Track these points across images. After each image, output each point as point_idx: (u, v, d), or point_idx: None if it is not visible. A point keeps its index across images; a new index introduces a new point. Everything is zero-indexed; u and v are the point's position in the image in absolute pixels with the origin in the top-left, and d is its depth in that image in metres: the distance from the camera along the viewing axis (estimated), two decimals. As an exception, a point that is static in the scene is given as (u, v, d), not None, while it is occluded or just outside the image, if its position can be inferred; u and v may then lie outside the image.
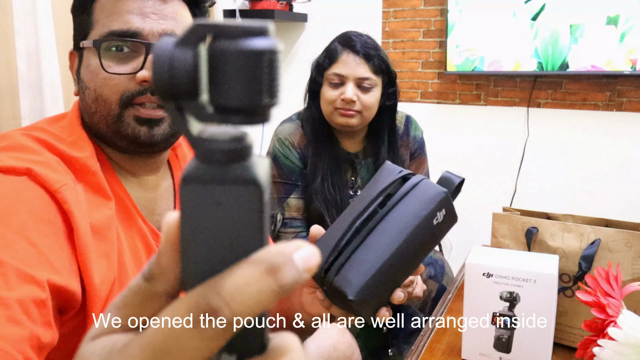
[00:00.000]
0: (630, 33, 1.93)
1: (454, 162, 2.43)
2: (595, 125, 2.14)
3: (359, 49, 1.37)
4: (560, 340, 0.97)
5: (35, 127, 0.71)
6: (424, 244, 0.58)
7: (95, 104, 0.70)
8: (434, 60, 2.38)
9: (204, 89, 0.21)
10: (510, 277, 0.87)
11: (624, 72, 1.97)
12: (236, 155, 0.22)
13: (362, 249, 0.58)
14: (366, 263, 0.56)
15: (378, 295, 0.57)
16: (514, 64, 2.14)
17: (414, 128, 1.55)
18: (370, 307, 0.58)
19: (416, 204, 0.58)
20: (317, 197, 1.42)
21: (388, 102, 1.44)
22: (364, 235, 0.58)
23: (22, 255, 0.57)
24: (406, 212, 0.58)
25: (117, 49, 0.69)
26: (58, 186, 0.62)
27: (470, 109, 2.36)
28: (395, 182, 0.61)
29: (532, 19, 2.07)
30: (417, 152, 1.55)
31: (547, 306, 0.85)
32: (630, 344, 0.68)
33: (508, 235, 1.05)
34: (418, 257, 0.59)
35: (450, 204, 0.59)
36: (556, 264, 0.89)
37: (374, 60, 1.38)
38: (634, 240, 0.92)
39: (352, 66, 1.37)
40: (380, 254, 0.56)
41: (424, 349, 0.96)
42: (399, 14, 2.42)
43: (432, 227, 0.58)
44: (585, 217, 1.02)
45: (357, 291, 0.55)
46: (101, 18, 0.69)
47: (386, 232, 0.58)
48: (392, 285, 0.58)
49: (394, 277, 0.58)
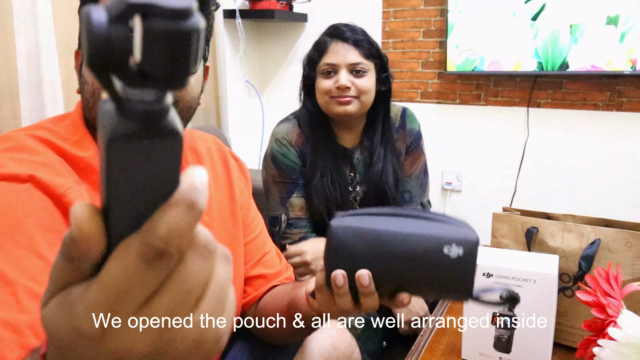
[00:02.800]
0: (630, 33, 1.93)
1: (454, 162, 2.43)
2: (595, 125, 2.14)
3: (347, 36, 1.39)
4: (560, 340, 0.97)
5: (40, 126, 0.71)
6: (422, 261, 0.56)
7: (92, 97, 0.71)
8: (434, 60, 2.39)
9: (136, 60, 0.24)
10: (510, 277, 0.87)
11: (624, 72, 1.97)
12: (161, 113, 0.25)
13: (375, 217, 0.58)
14: (365, 221, 0.57)
15: (351, 250, 0.57)
16: (514, 64, 2.14)
17: (410, 121, 1.53)
18: (339, 254, 0.58)
19: (444, 227, 0.57)
20: (317, 194, 1.41)
21: (383, 88, 1.44)
22: (387, 214, 0.59)
23: (33, 272, 0.57)
24: (430, 225, 0.57)
25: None
26: (63, 190, 0.62)
27: (470, 109, 2.36)
28: (452, 218, 0.59)
29: (532, 19, 2.07)
30: (413, 145, 1.52)
31: (547, 306, 0.85)
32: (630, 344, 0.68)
33: (508, 235, 1.05)
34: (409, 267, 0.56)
35: (471, 254, 0.56)
36: (556, 264, 0.89)
37: (364, 44, 1.39)
38: (634, 240, 0.92)
39: (342, 53, 1.38)
40: (380, 225, 0.57)
41: (424, 349, 0.96)
42: (399, 14, 2.42)
43: (439, 251, 0.55)
44: (585, 217, 1.02)
45: (339, 225, 0.57)
46: None
47: (401, 222, 0.57)
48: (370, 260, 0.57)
49: (375, 253, 0.57)
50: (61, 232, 0.61)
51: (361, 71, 1.38)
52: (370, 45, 1.40)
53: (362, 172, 1.49)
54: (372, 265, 0.57)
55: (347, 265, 0.58)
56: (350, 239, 0.57)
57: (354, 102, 1.38)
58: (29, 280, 0.56)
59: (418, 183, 1.54)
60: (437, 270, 0.55)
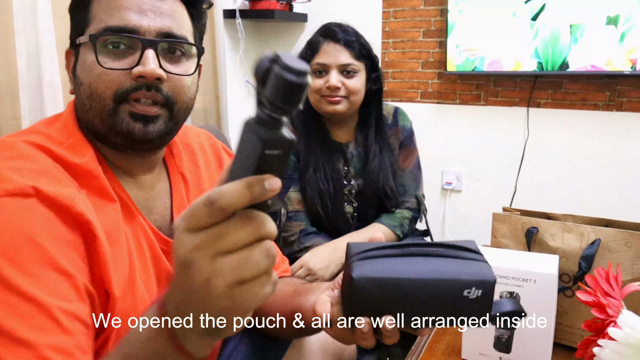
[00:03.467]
0: (630, 33, 1.93)
1: (454, 162, 2.43)
2: (595, 125, 2.14)
3: (339, 37, 1.42)
4: (560, 340, 0.97)
5: (33, 130, 0.70)
6: (444, 302, 0.59)
7: (89, 99, 0.69)
8: (434, 60, 2.38)
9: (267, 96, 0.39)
10: (510, 277, 0.87)
11: (624, 72, 1.97)
12: (278, 126, 0.41)
13: (394, 259, 0.60)
14: (387, 267, 0.59)
15: (374, 299, 0.58)
16: (514, 64, 2.14)
17: (402, 118, 1.58)
18: (361, 302, 0.59)
19: (463, 267, 0.60)
20: (310, 188, 1.45)
21: (374, 87, 1.48)
22: (404, 254, 0.61)
23: (61, 291, 0.58)
24: (449, 265, 0.60)
25: (113, 46, 0.68)
26: (69, 201, 0.62)
27: (470, 109, 2.36)
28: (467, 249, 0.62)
29: (532, 19, 2.07)
30: (406, 141, 1.58)
31: (547, 306, 0.85)
32: (630, 344, 0.68)
33: (508, 235, 1.05)
34: (432, 308, 0.59)
35: (489, 294, 0.59)
36: (556, 264, 0.89)
37: (355, 46, 1.43)
38: (634, 240, 0.92)
39: (334, 54, 1.42)
40: (402, 270, 0.59)
41: (424, 349, 0.96)
42: (399, 14, 2.42)
43: (459, 294, 0.58)
44: (585, 217, 1.02)
45: (361, 276, 0.58)
46: (98, 14, 0.69)
47: (421, 264, 0.59)
48: (390, 306, 0.59)
49: (398, 300, 0.58)
50: (71, 243, 0.61)
51: (351, 72, 1.42)
52: (362, 47, 1.44)
53: (357, 166, 1.52)
54: (394, 311, 0.59)
55: (370, 312, 0.59)
56: (373, 290, 0.58)
57: (343, 101, 1.43)
58: (61, 301, 0.57)
59: (412, 177, 1.58)
60: (457, 310, 0.59)
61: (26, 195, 0.59)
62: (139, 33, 0.68)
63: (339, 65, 1.41)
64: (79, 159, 0.67)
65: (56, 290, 0.57)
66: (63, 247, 0.60)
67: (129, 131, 0.69)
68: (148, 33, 0.69)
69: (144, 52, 0.68)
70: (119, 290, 0.65)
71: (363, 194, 1.51)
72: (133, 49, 0.69)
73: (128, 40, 0.69)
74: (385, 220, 1.51)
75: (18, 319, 0.54)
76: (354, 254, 0.61)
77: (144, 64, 0.68)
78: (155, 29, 0.69)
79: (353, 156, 1.52)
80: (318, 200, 1.45)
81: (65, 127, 0.71)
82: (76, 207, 0.62)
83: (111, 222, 0.67)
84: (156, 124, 0.70)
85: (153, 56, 0.68)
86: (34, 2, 1.44)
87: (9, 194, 0.59)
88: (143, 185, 0.77)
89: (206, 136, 0.95)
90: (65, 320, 0.56)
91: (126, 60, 0.68)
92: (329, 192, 1.45)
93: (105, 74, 0.68)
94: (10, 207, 0.58)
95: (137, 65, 0.68)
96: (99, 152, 0.72)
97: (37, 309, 0.55)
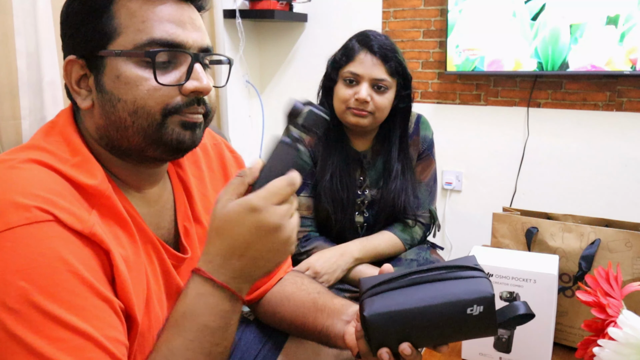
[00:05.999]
0: (630, 33, 1.93)
1: (454, 162, 2.43)
2: (595, 125, 2.14)
3: (376, 49, 1.36)
4: (560, 340, 0.97)
5: (33, 145, 0.66)
6: (451, 323, 0.65)
7: (133, 116, 0.65)
8: (434, 60, 2.38)
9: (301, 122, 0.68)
10: (510, 277, 0.87)
11: (624, 72, 1.97)
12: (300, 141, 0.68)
13: (399, 291, 0.68)
14: (393, 301, 0.67)
15: (388, 331, 0.66)
16: (514, 64, 2.14)
17: (424, 128, 1.52)
18: (377, 336, 0.67)
19: (462, 287, 0.66)
20: (325, 195, 1.41)
21: (401, 105, 1.43)
22: (408, 284, 0.68)
23: (108, 320, 0.60)
24: (450, 288, 0.66)
25: (162, 59, 0.66)
26: (89, 227, 0.60)
27: (470, 109, 2.36)
28: (466, 267, 0.68)
29: (532, 19, 2.07)
30: (425, 152, 1.52)
31: (547, 306, 0.85)
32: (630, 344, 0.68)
33: (508, 235, 1.05)
34: (441, 330, 0.66)
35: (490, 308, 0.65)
36: (556, 264, 0.89)
37: (391, 63, 1.37)
38: (634, 240, 0.92)
39: (369, 66, 1.36)
40: (407, 301, 0.66)
41: (424, 349, 0.96)
42: (399, 14, 2.42)
43: (463, 313, 0.65)
44: (585, 217, 1.02)
45: (373, 314, 0.66)
46: (131, 24, 0.65)
47: (424, 291, 0.66)
48: (404, 334, 0.66)
49: (409, 328, 0.66)
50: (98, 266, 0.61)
51: (382, 87, 1.37)
52: (397, 64, 1.39)
53: (373, 177, 1.49)
54: (408, 337, 0.66)
55: (388, 342, 0.67)
56: (384, 324, 0.66)
57: (368, 117, 1.38)
58: (107, 329, 0.59)
59: (427, 190, 1.53)
60: (464, 327, 0.66)
61: (46, 220, 0.57)
62: (186, 47, 0.67)
63: (371, 79, 1.36)
64: (91, 180, 0.64)
65: (100, 318, 0.58)
66: (95, 272, 0.60)
67: (179, 140, 0.68)
68: (192, 47, 0.68)
69: (193, 67, 0.67)
70: (140, 314, 0.66)
71: (376, 207, 1.48)
72: (180, 64, 0.68)
73: (179, 54, 0.67)
74: (398, 231, 1.47)
75: (70, 354, 0.55)
76: (364, 291, 0.69)
77: (198, 79, 0.67)
78: (198, 44, 0.68)
79: (370, 166, 1.48)
80: (330, 206, 1.42)
81: (66, 141, 0.67)
82: (97, 237, 0.60)
83: (128, 247, 0.66)
84: (201, 130, 0.71)
85: (202, 71, 0.68)
86: (34, 2, 1.44)
87: (29, 222, 0.56)
88: (150, 200, 0.75)
89: (208, 134, 0.93)
90: (114, 348, 0.59)
91: (173, 74, 0.67)
92: (342, 200, 1.42)
93: (156, 90, 0.65)
94: (36, 235, 0.56)
95: (189, 80, 0.67)
96: (105, 167, 0.69)
97: (88, 341, 0.56)
